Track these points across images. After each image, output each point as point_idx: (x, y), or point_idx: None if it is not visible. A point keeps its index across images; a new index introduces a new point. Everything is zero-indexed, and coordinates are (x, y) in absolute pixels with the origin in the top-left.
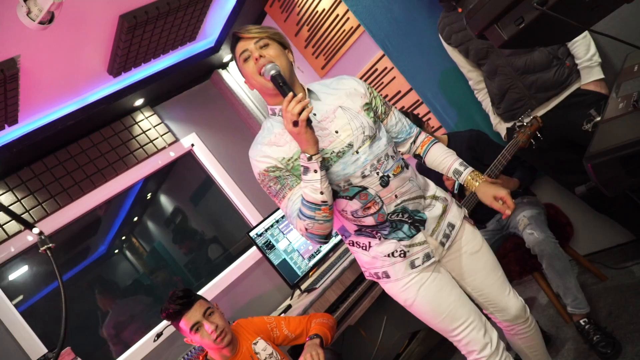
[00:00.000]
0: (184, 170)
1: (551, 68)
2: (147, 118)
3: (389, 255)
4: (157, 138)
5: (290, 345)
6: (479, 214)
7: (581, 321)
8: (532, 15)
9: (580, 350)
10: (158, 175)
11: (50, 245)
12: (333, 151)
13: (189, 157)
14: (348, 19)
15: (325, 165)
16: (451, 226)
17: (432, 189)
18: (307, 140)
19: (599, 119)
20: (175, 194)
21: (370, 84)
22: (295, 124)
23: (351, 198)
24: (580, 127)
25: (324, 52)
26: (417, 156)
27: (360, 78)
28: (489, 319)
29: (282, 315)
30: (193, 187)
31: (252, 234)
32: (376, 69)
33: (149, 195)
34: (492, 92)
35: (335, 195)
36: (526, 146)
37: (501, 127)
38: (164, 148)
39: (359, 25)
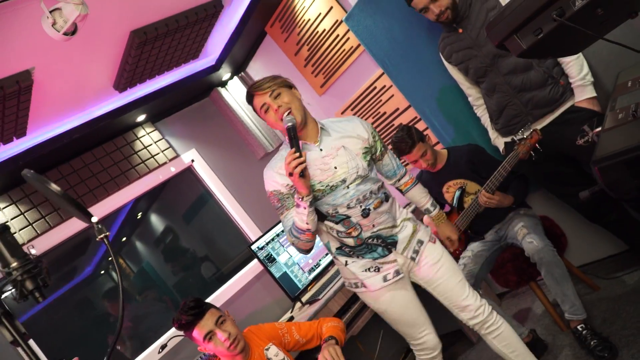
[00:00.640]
0: (175, 190)
1: (546, 86)
2: (148, 134)
3: (365, 271)
4: (158, 153)
5: (300, 351)
6: (478, 226)
7: (578, 327)
8: (550, 26)
9: (578, 356)
10: (149, 195)
11: (107, 233)
12: (329, 185)
13: (182, 175)
14: (348, 38)
15: (320, 195)
16: (420, 242)
17: (404, 213)
18: (300, 186)
19: (592, 134)
20: (166, 213)
21: (369, 101)
22: (290, 174)
23: (337, 223)
24: (574, 142)
25: (323, 71)
26: (400, 190)
27: (359, 96)
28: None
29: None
30: (185, 206)
31: (254, 247)
32: (375, 87)
33: (139, 215)
34: (491, 109)
35: (325, 217)
36: (526, 158)
37: (499, 141)
38: (165, 163)
39: (359, 45)
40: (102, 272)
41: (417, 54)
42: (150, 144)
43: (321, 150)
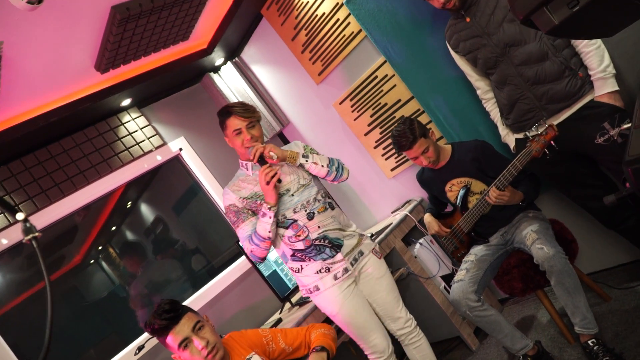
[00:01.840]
0: (167, 179)
1: (563, 79)
2: (134, 119)
3: (317, 272)
4: (143, 140)
5: None
6: (482, 228)
7: (589, 342)
8: None
9: None
10: (140, 184)
11: (37, 234)
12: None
13: (174, 164)
14: (349, 23)
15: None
16: (360, 253)
17: (354, 227)
18: (271, 196)
19: (613, 132)
20: (157, 203)
21: (369, 91)
22: (268, 183)
23: (287, 227)
24: (593, 140)
25: (322, 58)
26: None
27: (359, 85)
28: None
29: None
30: (176, 196)
31: None
32: (376, 76)
33: (129, 204)
34: (501, 103)
35: (277, 225)
36: (539, 156)
37: (510, 138)
38: (150, 151)
39: (360, 31)
40: (92, 261)
41: (422, 41)
42: (136, 131)
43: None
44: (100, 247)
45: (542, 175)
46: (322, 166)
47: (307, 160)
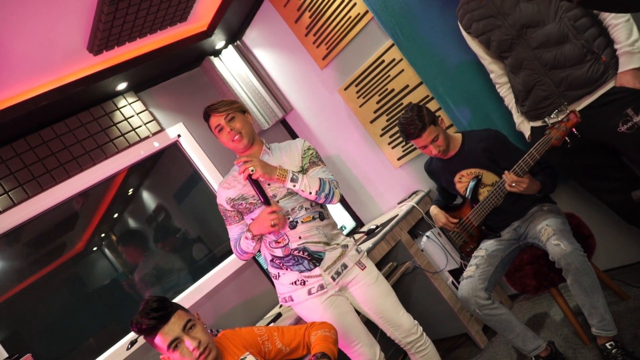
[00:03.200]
0: (168, 165)
1: (584, 63)
2: (130, 104)
3: (292, 283)
4: (140, 126)
5: None
6: (493, 222)
7: (607, 344)
8: None
9: None
10: (141, 170)
11: None
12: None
13: (173, 151)
14: (355, 4)
15: (252, 207)
16: (344, 266)
17: (341, 239)
18: (259, 229)
19: (637, 119)
20: (158, 190)
21: (375, 76)
22: (273, 225)
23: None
24: (615, 128)
25: (326, 41)
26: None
27: (365, 70)
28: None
29: (273, 325)
30: (178, 184)
31: None
32: (383, 60)
33: (130, 191)
34: (517, 89)
35: None
36: (559, 144)
37: (525, 126)
38: (147, 137)
39: (366, 12)
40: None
41: (432, 22)
42: (132, 116)
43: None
44: (103, 235)
45: (557, 166)
46: (310, 193)
47: (294, 185)
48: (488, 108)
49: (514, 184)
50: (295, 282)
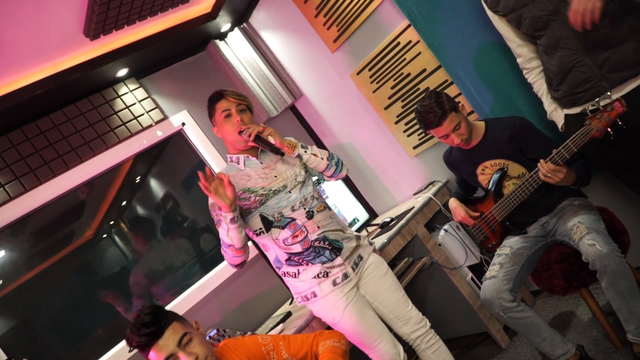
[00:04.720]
0: (176, 153)
1: (629, 42)
2: (131, 91)
3: (315, 277)
4: (142, 115)
5: None
6: (518, 217)
7: None
8: None
9: None
10: (149, 157)
11: None
12: (271, 189)
13: (177, 139)
14: None
15: (264, 199)
16: (360, 257)
17: (350, 229)
18: (219, 203)
19: None
20: (166, 178)
21: (390, 60)
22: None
23: (283, 227)
24: None
25: (337, 23)
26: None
27: (379, 53)
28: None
29: (280, 325)
30: (185, 171)
31: None
32: (398, 43)
33: (137, 179)
34: (551, 71)
35: (271, 225)
36: (600, 136)
37: (558, 115)
38: (150, 126)
39: None
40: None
41: (453, 1)
42: (134, 104)
43: (261, 163)
44: (112, 222)
45: (593, 157)
46: (322, 159)
47: (306, 151)
48: (513, 94)
49: (549, 174)
50: (317, 275)
